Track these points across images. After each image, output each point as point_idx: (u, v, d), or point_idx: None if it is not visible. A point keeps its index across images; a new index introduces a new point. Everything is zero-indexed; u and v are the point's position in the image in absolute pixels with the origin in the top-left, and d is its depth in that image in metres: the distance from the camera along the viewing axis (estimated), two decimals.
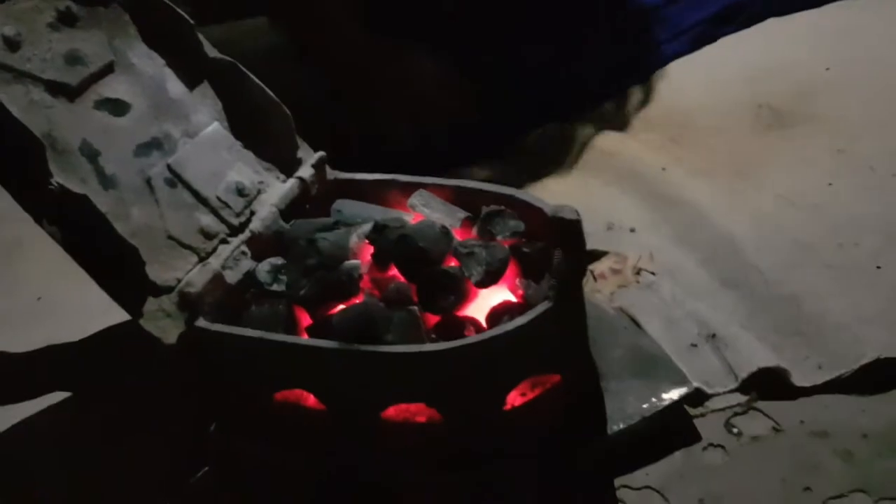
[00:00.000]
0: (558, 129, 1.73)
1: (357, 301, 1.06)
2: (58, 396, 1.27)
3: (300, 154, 1.29)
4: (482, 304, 1.07)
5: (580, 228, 0.95)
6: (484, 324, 1.04)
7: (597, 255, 1.36)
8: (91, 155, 1.07)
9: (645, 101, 1.78)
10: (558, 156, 1.65)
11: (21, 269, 1.55)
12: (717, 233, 1.37)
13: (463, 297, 1.04)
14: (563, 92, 1.81)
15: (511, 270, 1.07)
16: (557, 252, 0.95)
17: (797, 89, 1.71)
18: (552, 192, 1.50)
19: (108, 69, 1.13)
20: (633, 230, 1.41)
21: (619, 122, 1.72)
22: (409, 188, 1.23)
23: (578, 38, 1.91)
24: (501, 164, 1.65)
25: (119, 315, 1.25)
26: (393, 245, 1.07)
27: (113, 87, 1.13)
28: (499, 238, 1.10)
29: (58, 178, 1.00)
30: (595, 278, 1.32)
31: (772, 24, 1.96)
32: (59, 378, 1.30)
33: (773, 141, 1.58)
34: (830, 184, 1.44)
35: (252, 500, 1.09)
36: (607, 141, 1.65)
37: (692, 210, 1.43)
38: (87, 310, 1.39)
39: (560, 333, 1.02)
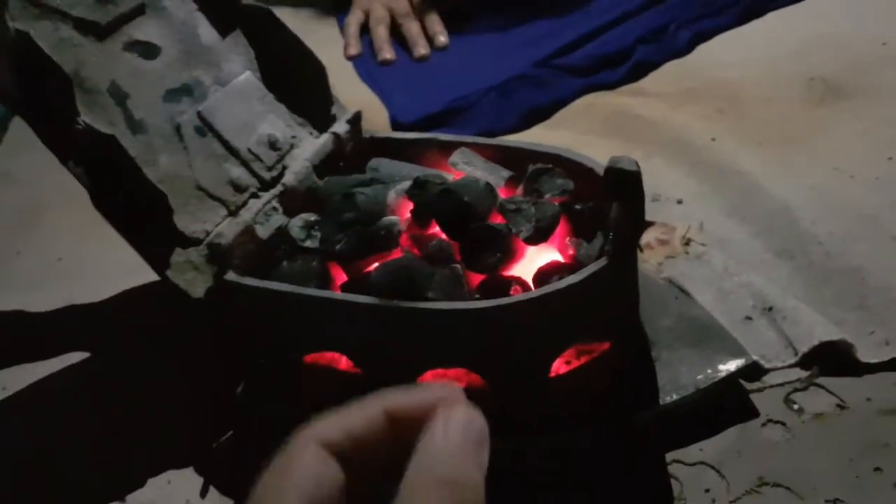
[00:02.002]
0: (599, 98, 1.66)
1: (396, 257, 1.00)
2: (78, 356, 1.22)
3: (334, 110, 1.23)
4: (529, 264, 1.00)
5: (639, 180, 0.88)
6: (531, 284, 0.98)
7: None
8: (119, 97, 1.01)
9: (690, 73, 1.70)
10: (599, 125, 1.58)
11: (42, 232, 1.51)
12: (772, 204, 1.29)
13: (509, 256, 0.98)
14: (603, 62, 1.74)
15: (560, 229, 1.00)
16: (615, 206, 0.88)
17: (851, 63, 1.63)
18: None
19: (138, 10, 1.07)
20: (680, 201, 1.34)
21: (664, 93, 1.64)
22: (450, 147, 1.16)
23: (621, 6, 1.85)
24: (540, 132, 1.58)
25: (140, 277, 1.21)
26: (434, 200, 1.01)
27: (143, 30, 1.08)
28: (547, 196, 1.03)
29: (85, 118, 0.95)
30: (641, 248, 1.25)
31: None
32: (79, 338, 1.25)
33: (827, 114, 1.51)
34: (891, 158, 1.36)
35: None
36: (650, 110, 1.58)
37: (744, 181, 1.35)
38: (108, 272, 1.34)
39: (613, 296, 0.96)
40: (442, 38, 1.87)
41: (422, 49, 1.84)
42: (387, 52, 1.85)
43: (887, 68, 1.59)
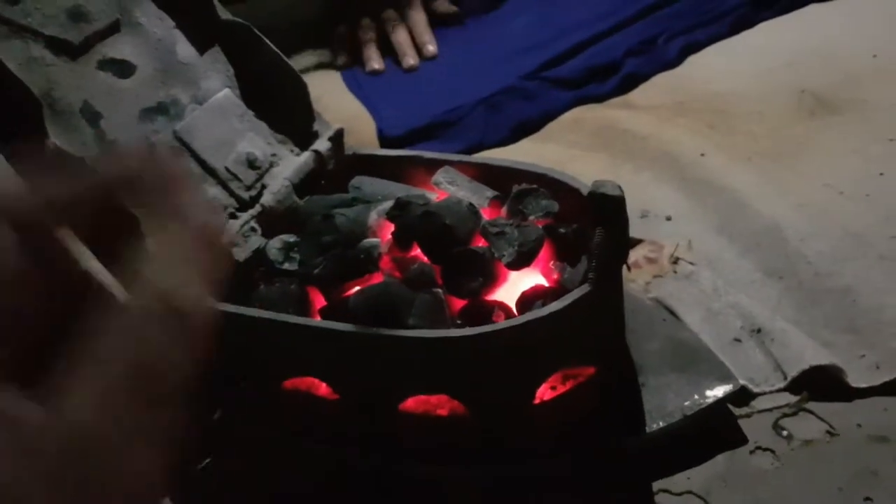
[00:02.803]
0: (588, 112, 1.64)
1: (376, 282, 0.97)
2: None
3: (316, 127, 1.20)
4: (512, 288, 0.98)
5: (623, 205, 0.86)
6: (514, 310, 0.96)
7: (630, 243, 1.27)
8: (92, 117, 0.99)
9: (680, 85, 1.68)
10: (587, 139, 1.56)
11: None
12: (761, 221, 1.28)
13: (492, 280, 0.96)
14: (591, 74, 1.72)
15: (544, 252, 0.98)
16: (598, 231, 0.86)
17: (842, 76, 1.61)
18: (580, 178, 1.41)
19: (113, 28, 1.05)
20: (669, 218, 1.32)
21: (653, 107, 1.62)
22: (434, 165, 1.14)
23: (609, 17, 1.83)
24: (528, 146, 1.56)
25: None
26: (416, 222, 0.99)
27: (118, 48, 1.06)
28: (531, 218, 1.01)
29: (56, 140, 0.92)
30: (629, 267, 1.22)
31: (813, 9, 1.86)
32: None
33: (818, 128, 1.49)
34: (882, 174, 1.34)
35: (258, 493, 1.00)
36: (640, 124, 1.56)
37: (733, 197, 1.33)
38: None
39: (598, 321, 0.94)
40: (431, 48, 1.85)
41: (410, 59, 1.82)
42: (375, 63, 1.83)
43: (878, 82, 1.57)
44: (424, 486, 0.99)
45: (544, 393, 0.97)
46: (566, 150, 1.54)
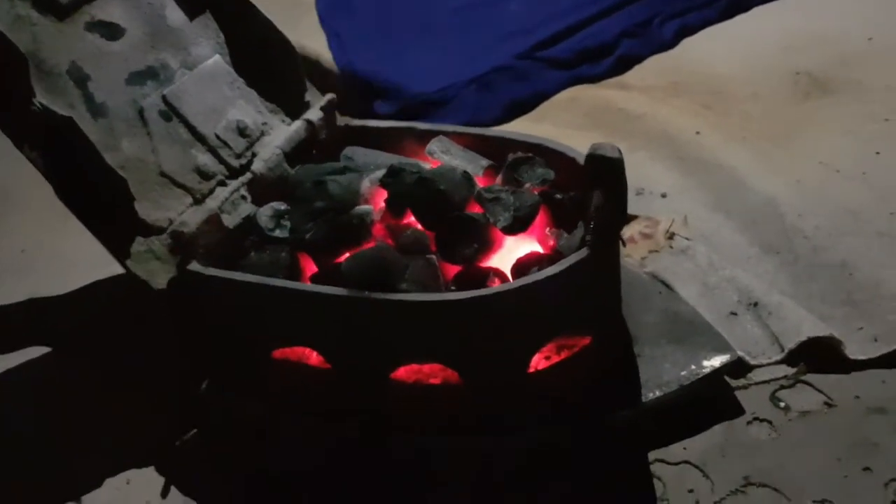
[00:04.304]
0: (582, 92, 1.62)
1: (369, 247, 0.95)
2: (36, 351, 1.17)
3: (308, 97, 1.18)
4: (507, 255, 0.96)
5: (622, 167, 0.85)
6: (510, 276, 0.94)
7: (626, 220, 1.26)
8: (80, 79, 0.97)
9: (675, 67, 1.67)
10: (582, 119, 1.55)
11: (5, 221, 1.46)
12: (757, 198, 1.26)
13: (487, 246, 0.94)
14: (586, 55, 1.71)
15: (540, 219, 0.97)
16: (596, 194, 0.85)
17: (838, 59, 1.60)
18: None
19: None
20: (664, 195, 1.31)
21: (648, 87, 1.61)
22: (427, 136, 1.12)
23: None
24: (522, 125, 1.54)
25: (105, 270, 1.16)
26: (409, 189, 0.97)
27: (106, 10, 1.03)
28: (527, 185, 0.99)
29: (42, 99, 0.90)
30: (624, 243, 1.21)
31: None
32: (40, 332, 1.20)
33: (814, 109, 1.48)
34: (878, 153, 1.34)
35: (246, 466, 0.98)
36: (634, 104, 1.55)
37: (729, 175, 1.32)
38: (73, 264, 1.30)
39: (595, 289, 0.92)
40: None
41: None
42: None
43: (873, 64, 1.56)
44: (416, 458, 0.97)
45: (539, 362, 0.95)
46: (560, 129, 1.52)
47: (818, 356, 1.01)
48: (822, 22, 1.74)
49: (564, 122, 1.55)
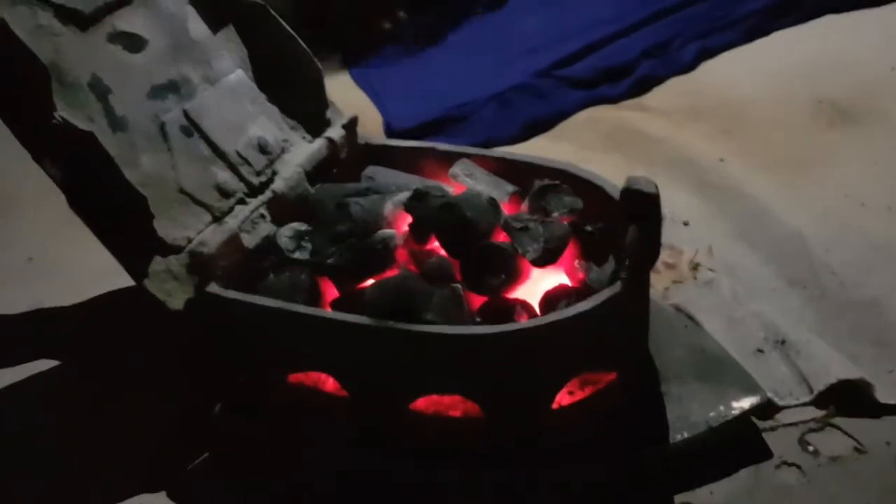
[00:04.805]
0: (601, 112, 1.60)
1: (392, 275, 0.93)
2: (44, 364, 1.14)
3: (329, 114, 1.16)
4: (534, 287, 0.94)
5: (658, 202, 0.82)
6: (537, 310, 0.91)
7: None
8: (101, 92, 0.94)
9: (695, 89, 1.65)
10: (601, 140, 1.53)
11: (13, 227, 1.43)
12: (782, 230, 1.24)
13: (514, 277, 0.92)
14: (605, 74, 1.69)
15: (569, 251, 0.94)
16: (630, 229, 0.82)
17: (861, 87, 1.59)
18: None
19: (125, 0, 1.01)
20: (686, 223, 1.29)
21: (667, 110, 1.59)
22: (450, 157, 1.10)
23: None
24: (540, 144, 1.53)
25: (115, 281, 1.14)
26: (434, 214, 0.95)
27: (129, 21, 1.00)
28: (555, 214, 0.97)
29: (62, 113, 0.87)
30: None
31: (829, 20, 1.85)
32: (45, 344, 1.17)
33: (837, 138, 1.46)
34: None
35: (258, 491, 0.96)
36: (654, 127, 1.53)
37: (753, 204, 1.30)
38: (81, 273, 1.27)
39: (624, 324, 0.90)
40: None
41: None
42: None
43: None
44: (431, 491, 0.94)
45: (562, 398, 0.93)
46: (580, 150, 1.50)
47: (848, 399, 0.98)
48: (843, 50, 1.72)
49: (583, 143, 1.53)
